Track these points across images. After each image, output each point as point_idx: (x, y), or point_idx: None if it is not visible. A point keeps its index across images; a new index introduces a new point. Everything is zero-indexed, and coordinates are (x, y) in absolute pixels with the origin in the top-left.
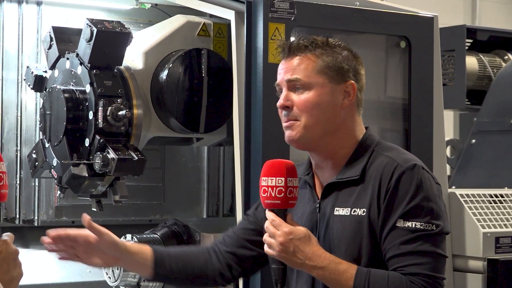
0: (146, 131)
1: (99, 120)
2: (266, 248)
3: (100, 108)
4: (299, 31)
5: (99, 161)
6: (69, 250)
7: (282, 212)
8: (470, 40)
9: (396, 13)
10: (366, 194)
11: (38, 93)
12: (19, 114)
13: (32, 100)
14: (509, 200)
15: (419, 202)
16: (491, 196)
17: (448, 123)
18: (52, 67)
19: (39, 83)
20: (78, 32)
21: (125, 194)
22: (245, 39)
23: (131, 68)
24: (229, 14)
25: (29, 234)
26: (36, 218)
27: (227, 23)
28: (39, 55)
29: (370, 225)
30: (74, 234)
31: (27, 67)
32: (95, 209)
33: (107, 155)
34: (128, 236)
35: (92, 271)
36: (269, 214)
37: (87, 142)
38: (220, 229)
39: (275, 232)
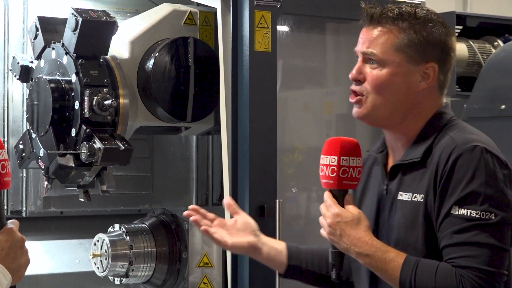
0: (132, 121)
1: (85, 110)
2: (321, 230)
3: (86, 98)
4: (285, 18)
5: (85, 151)
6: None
7: (340, 193)
8: (460, 27)
9: (383, 0)
10: (425, 179)
11: (25, 84)
12: (5, 105)
13: (19, 91)
14: None
15: (476, 187)
16: None
17: None
18: (38, 57)
19: (25, 74)
20: (64, 22)
21: (112, 184)
22: (231, 27)
23: (117, 57)
24: (215, 2)
25: None
26: (24, 209)
27: (214, 12)
28: (25, 45)
29: (427, 212)
30: (211, 216)
31: (13, 57)
32: (82, 200)
33: (94, 145)
34: (117, 226)
35: (81, 262)
36: (326, 194)
37: (73, 132)
38: None
39: (325, 213)
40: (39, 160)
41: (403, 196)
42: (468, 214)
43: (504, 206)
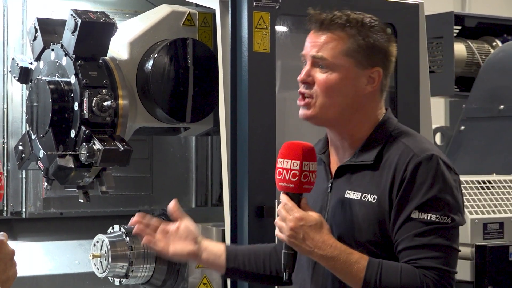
0: (132, 122)
1: (85, 111)
2: (277, 231)
3: (85, 99)
4: (284, 19)
5: (85, 152)
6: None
7: (296, 196)
8: (459, 27)
9: (381, 0)
10: (379, 181)
11: (24, 85)
12: (5, 106)
13: (18, 92)
14: (497, 186)
15: (436, 193)
16: (479, 183)
17: (437, 110)
18: (37, 59)
19: (24, 75)
20: (63, 23)
21: (112, 185)
22: (230, 28)
23: (116, 58)
24: (214, 3)
25: (17, 226)
26: (24, 210)
27: (212, 13)
28: (24, 46)
29: (380, 213)
30: (155, 224)
31: (13, 58)
32: (82, 200)
33: (93, 146)
34: (116, 227)
35: (80, 263)
36: (283, 197)
37: (73, 133)
38: (209, 219)
39: (287, 216)
40: (39, 161)
41: (351, 195)
42: (428, 218)
43: (456, 211)
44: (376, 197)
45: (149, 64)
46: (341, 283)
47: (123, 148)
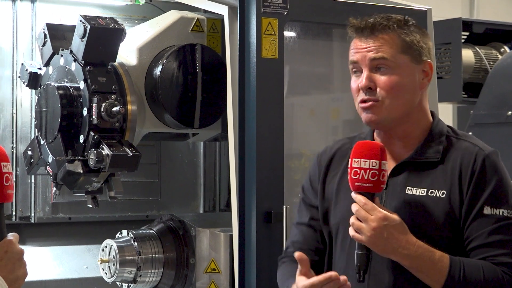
0: (140, 127)
1: (94, 117)
2: (352, 232)
3: (94, 104)
4: (292, 25)
5: (93, 157)
6: None
7: (370, 196)
8: (467, 33)
9: (389, 6)
10: (445, 177)
11: (33, 90)
12: (14, 112)
13: (27, 97)
14: None
15: (503, 188)
16: None
17: (445, 116)
18: (47, 64)
19: (33, 80)
20: (72, 29)
21: (120, 190)
22: (238, 34)
23: (125, 64)
24: (222, 9)
25: (26, 231)
26: (32, 215)
27: (221, 19)
28: (33, 52)
29: (450, 208)
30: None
31: (22, 64)
32: (90, 206)
33: (102, 151)
34: (124, 231)
35: (89, 267)
36: (360, 198)
37: (81, 138)
38: (217, 224)
39: (368, 216)
40: (48, 166)
41: (414, 191)
42: (502, 214)
43: None
44: (445, 192)
45: (158, 70)
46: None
47: (131, 154)
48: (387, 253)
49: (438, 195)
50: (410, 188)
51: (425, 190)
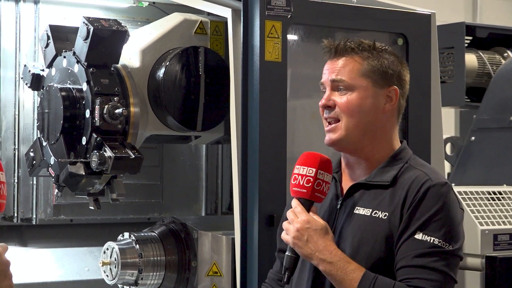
0: (143, 129)
1: (96, 119)
2: (283, 233)
3: (97, 106)
4: (296, 28)
5: (96, 160)
6: None
7: (307, 204)
8: (470, 37)
9: (393, 10)
10: (391, 201)
11: (36, 92)
12: (16, 113)
13: (29, 99)
14: (508, 197)
15: (442, 218)
16: (489, 193)
17: (448, 121)
18: (49, 66)
19: (36, 82)
20: (75, 30)
21: (122, 193)
22: (241, 37)
23: (128, 66)
24: (226, 12)
25: (27, 233)
26: (34, 216)
27: (224, 21)
28: (36, 53)
29: (389, 230)
30: None
31: (25, 65)
32: (92, 208)
33: (104, 153)
34: (126, 234)
35: (90, 270)
36: (294, 201)
37: (84, 140)
38: (219, 227)
39: (294, 218)
40: (50, 168)
41: (361, 211)
42: (431, 241)
43: (458, 241)
44: (387, 214)
45: (161, 72)
46: None
47: (134, 156)
48: (305, 255)
49: (380, 217)
50: (358, 208)
51: (370, 210)
